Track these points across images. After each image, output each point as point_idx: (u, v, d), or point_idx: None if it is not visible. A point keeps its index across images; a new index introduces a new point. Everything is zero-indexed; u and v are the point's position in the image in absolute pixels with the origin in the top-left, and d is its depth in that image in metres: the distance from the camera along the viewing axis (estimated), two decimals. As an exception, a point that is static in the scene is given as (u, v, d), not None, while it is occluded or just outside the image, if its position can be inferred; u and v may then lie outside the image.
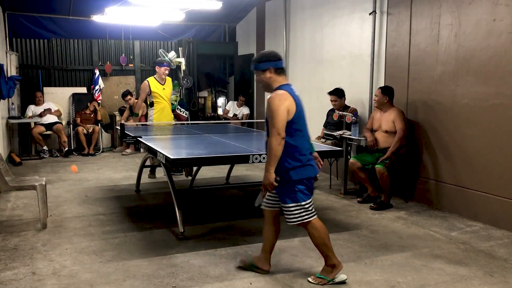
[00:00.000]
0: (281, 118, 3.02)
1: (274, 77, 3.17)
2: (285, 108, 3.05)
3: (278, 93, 3.09)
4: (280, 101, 3.05)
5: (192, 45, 9.76)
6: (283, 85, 3.17)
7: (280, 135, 3.02)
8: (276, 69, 3.17)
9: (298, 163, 3.15)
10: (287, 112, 3.06)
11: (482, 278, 3.37)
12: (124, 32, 9.86)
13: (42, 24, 9.30)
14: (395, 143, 5.19)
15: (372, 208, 5.14)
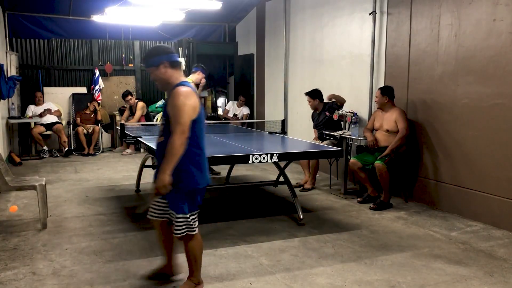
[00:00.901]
0: (188, 115, 2.75)
1: (171, 72, 2.88)
2: (191, 106, 2.77)
3: (183, 89, 2.79)
4: (186, 97, 2.76)
5: (192, 45, 9.76)
6: (185, 81, 2.89)
7: (185, 133, 2.74)
8: (171, 63, 2.88)
9: (197, 169, 2.90)
10: (193, 110, 2.79)
11: (482, 278, 3.37)
12: (124, 32, 9.86)
13: (42, 24, 9.30)
14: (396, 141, 5.19)
15: (372, 208, 5.14)
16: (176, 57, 2.95)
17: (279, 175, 5.05)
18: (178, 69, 2.93)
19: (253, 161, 3.98)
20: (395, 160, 5.25)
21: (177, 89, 2.80)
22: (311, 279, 3.33)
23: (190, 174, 2.88)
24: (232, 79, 10.62)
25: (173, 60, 2.90)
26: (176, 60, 2.92)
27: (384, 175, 5.14)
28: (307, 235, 4.27)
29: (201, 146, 2.96)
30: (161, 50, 2.92)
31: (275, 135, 5.85)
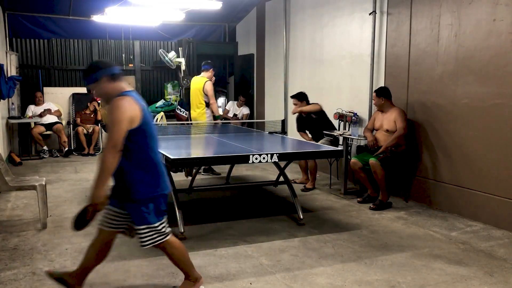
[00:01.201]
0: (121, 128, 2.66)
1: (112, 85, 2.82)
2: (127, 117, 2.68)
3: (120, 100, 2.72)
4: (121, 109, 2.67)
5: (192, 45, 9.76)
6: (126, 91, 2.82)
7: (116, 147, 2.66)
8: (112, 76, 2.83)
9: (151, 177, 2.83)
10: (129, 122, 2.69)
11: (482, 278, 3.37)
12: (124, 32, 9.86)
13: (42, 24, 9.30)
14: (392, 139, 5.19)
15: (372, 208, 5.14)
16: (117, 69, 2.90)
17: (279, 175, 5.05)
18: (119, 80, 2.87)
19: (253, 161, 3.98)
20: (394, 160, 5.25)
21: (114, 102, 2.73)
22: (311, 279, 3.33)
23: (144, 183, 2.81)
24: (232, 79, 10.62)
25: (113, 73, 2.85)
26: (116, 73, 2.86)
27: (378, 172, 5.14)
28: (307, 235, 4.27)
29: (151, 154, 2.86)
30: (101, 64, 2.93)
31: (275, 135, 5.85)
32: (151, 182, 2.84)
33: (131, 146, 2.76)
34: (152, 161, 2.87)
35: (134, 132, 2.74)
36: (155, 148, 2.91)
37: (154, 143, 2.91)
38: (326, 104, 7.08)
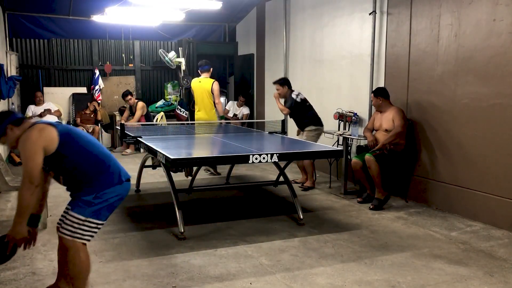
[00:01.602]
0: (35, 162, 2.58)
1: (17, 130, 2.73)
2: (39, 148, 2.60)
3: (27, 133, 2.65)
4: (30, 141, 2.61)
5: (192, 45, 9.76)
6: (30, 126, 2.72)
7: (33, 183, 2.56)
8: (15, 122, 2.74)
9: (98, 181, 2.78)
10: (43, 151, 2.61)
11: (482, 278, 3.37)
12: (124, 32, 9.86)
13: (42, 24, 9.30)
14: (390, 136, 5.20)
15: (371, 208, 5.14)
16: (17, 115, 2.84)
17: (279, 175, 5.05)
18: (23, 122, 2.78)
19: (253, 161, 3.98)
20: (393, 159, 5.25)
21: (20, 139, 2.67)
22: (311, 279, 3.33)
23: (89, 185, 2.78)
24: (232, 79, 10.62)
25: (15, 119, 2.77)
26: (18, 118, 2.79)
27: (373, 168, 5.14)
28: (307, 235, 4.27)
29: (92, 161, 2.79)
30: (1, 116, 2.79)
31: (275, 135, 5.85)
32: (93, 185, 2.78)
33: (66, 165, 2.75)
34: (95, 166, 2.81)
35: (66, 149, 2.70)
36: (93, 155, 2.82)
37: (91, 150, 2.83)
38: (326, 104, 7.09)
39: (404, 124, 5.22)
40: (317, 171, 6.89)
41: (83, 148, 2.81)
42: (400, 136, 5.22)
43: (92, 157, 2.82)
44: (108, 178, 2.83)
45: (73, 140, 2.78)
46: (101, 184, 2.80)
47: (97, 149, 2.87)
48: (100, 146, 2.94)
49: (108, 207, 2.81)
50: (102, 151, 2.90)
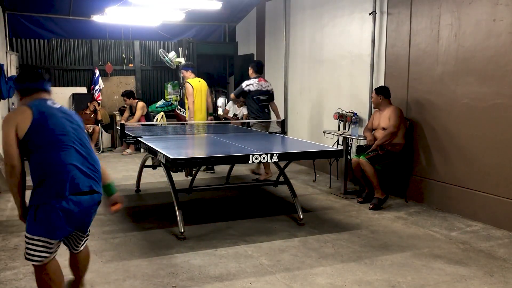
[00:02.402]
0: (8, 142, 2.51)
1: (21, 100, 2.75)
2: (11, 129, 2.52)
3: (8, 113, 2.69)
4: (6, 122, 2.56)
5: (192, 45, 9.76)
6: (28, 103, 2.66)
7: (8, 164, 2.52)
8: (24, 90, 2.74)
9: (43, 187, 2.53)
10: (14, 132, 2.52)
11: (482, 278, 3.37)
12: (124, 32, 9.86)
13: (42, 24, 9.30)
14: (383, 137, 5.21)
15: (371, 208, 5.15)
16: (40, 84, 2.75)
17: (279, 175, 5.05)
18: (30, 95, 2.71)
19: (253, 161, 3.98)
20: (390, 159, 5.26)
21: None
22: (311, 279, 3.33)
23: (35, 191, 2.57)
24: (232, 79, 10.61)
25: (27, 88, 2.72)
26: (33, 88, 2.71)
27: (368, 170, 5.17)
28: (307, 235, 4.28)
29: (51, 162, 2.56)
30: (27, 76, 2.76)
31: (275, 135, 5.85)
32: (39, 192, 2.56)
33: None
34: (46, 169, 2.57)
35: (29, 141, 2.56)
36: (60, 154, 2.59)
37: (57, 148, 2.59)
38: (326, 104, 7.10)
39: (400, 123, 5.21)
40: (317, 171, 6.89)
41: (48, 142, 2.58)
42: (394, 136, 5.21)
43: (51, 156, 2.56)
44: (51, 187, 2.53)
45: (44, 130, 2.58)
46: (41, 193, 2.53)
47: (59, 150, 2.58)
48: (69, 146, 2.62)
49: (45, 223, 2.51)
50: (64, 152, 2.59)
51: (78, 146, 2.68)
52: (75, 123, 2.76)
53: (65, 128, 2.66)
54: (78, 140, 2.70)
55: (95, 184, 2.68)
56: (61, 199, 2.52)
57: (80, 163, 2.63)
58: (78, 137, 2.71)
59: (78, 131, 2.74)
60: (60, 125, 2.65)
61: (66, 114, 2.74)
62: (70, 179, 2.56)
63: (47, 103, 2.71)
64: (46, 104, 2.69)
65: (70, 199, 2.55)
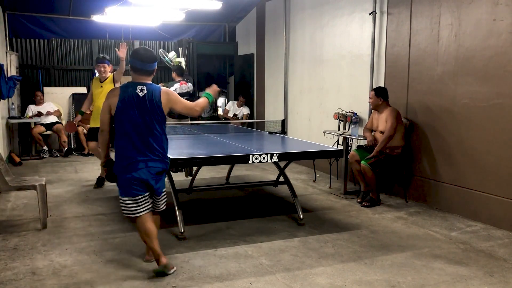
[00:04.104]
0: (102, 113, 3.37)
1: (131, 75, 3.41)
2: (106, 104, 3.33)
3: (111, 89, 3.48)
4: (106, 97, 3.38)
5: (192, 45, 9.76)
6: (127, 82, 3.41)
7: (100, 127, 3.41)
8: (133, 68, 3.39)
9: (118, 159, 3.34)
10: (108, 108, 3.32)
11: (482, 278, 3.37)
12: (124, 32, 9.85)
13: (42, 24, 9.30)
14: (380, 143, 5.22)
15: (364, 205, 5.23)
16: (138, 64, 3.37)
17: (279, 175, 5.05)
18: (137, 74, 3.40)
19: (253, 161, 3.98)
20: (389, 163, 5.27)
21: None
22: (311, 279, 3.33)
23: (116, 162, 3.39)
24: (232, 79, 10.62)
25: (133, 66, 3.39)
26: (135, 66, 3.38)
27: (369, 175, 5.23)
28: (307, 235, 4.27)
29: (121, 140, 3.32)
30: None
31: (275, 135, 5.85)
32: (119, 165, 3.34)
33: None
34: (123, 147, 3.32)
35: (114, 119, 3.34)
36: (124, 135, 3.30)
37: (125, 130, 3.30)
38: (326, 104, 7.10)
39: (397, 125, 5.20)
40: (317, 171, 6.89)
41: (118, 128, 3.45)
42: (392, 139, 5.21)
43: (117, 141, 3.46)
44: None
45: (117, 120, 3.39)
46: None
47: (122, 136, 3.40)
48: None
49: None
50: (125, 141, 3.39)
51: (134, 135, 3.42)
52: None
53: (132, 117, 3.43)
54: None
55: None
56: (126, 175, 3.37)
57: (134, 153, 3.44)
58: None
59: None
60: (129, 114, 3.39)
61: (132, 98, 3.39)
62: (132, 160, 3.43)
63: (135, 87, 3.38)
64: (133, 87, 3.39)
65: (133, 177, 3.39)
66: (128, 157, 3.28)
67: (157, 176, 3.36)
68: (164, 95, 3.38)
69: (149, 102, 3.30)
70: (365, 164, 5.23)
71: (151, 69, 3.38)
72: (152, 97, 3.31)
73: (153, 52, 3.49)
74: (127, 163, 3.27)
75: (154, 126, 3.33)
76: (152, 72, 3.41)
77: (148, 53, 3.39)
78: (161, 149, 3.38)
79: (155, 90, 3.36)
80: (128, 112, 3.26)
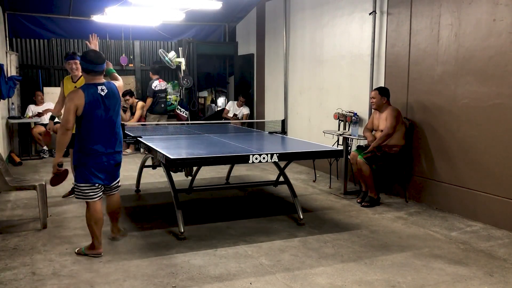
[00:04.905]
0: (67, 112, 3.54)
1: (86, 77, 3.69)
2: (73, 106, 3.53)
3: (72, 91, 3.65)
4: (70, 98, 3.56)
5: (192, 45, 9.76)
6: (85, 84, 3.69)
7: (63, 127, 3.53)
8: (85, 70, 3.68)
9: (83, 153, 3.64)
10: (75, 109, 3.53)
11: (482, 278, 3.37)
12: (124, 32, 9.86)
13: (42, 24, 9.30)
14: (379, 139, 5.23)
15: (364, 206, 5.23)
16: (94, 67, 3.68)
17: (279, 175, 5.05)
18: (92, 75, 3.68)
19: (253, 161, 3.98)
20: (387, 161, 5.27)
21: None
22: (311, 279, 3.33)
23: (76, 153, 3.72)
24: (232, 79, 10.62)
25: (85, 69, 3.70)
26: (90, 70, 3.67)
27: (364, 170, 5.23)
28: (307, 235, 4.27)
29: (87, 135, 3.63)
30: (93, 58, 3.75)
31: (275, 135, 5.85)
32: (82, 155, 3.66)
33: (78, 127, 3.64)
34: (89, 140, 3.63)
35: (79, 118, 3.58)
36: (93, 133, 3.63)
37: (97, 126, 3.63)
38: (326, 104, 7.10)
39: (396, 124, 5.20)
40: (317, 171, 6.89)
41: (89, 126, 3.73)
42: (390, 137, 5.21)
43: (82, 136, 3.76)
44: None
45: (85, 118, 3.66)
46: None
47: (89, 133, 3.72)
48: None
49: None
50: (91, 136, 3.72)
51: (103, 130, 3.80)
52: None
53: (101, 115, 3.75)
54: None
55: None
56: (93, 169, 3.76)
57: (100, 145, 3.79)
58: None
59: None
60: (98, 112, 3.70)
61: (100, 99, 3.71)
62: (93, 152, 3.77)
63: (98, 89, 3.68)
64: (97, 90, 3.67)
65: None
66: (93, 150, 3.63)
67: (116, 168, 3.82)
68: (119, 89, 3.86)
69: (111, 99, 3.70)
70: (361, 158, 5.24)
71: (102, 69, 3.71)
72: (113, 94, 3.72)
73: (102, 54, 3.81)
74: (92, 156, 3.63)
75: (117, 121, 3.77)
76: (103, 71, 3.74)
77: (98, 55, 3.72)
78: (121, 142, 3.85)
79: (112, 87, 3.77)
80: (95, 111, 3.59)
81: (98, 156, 3.64)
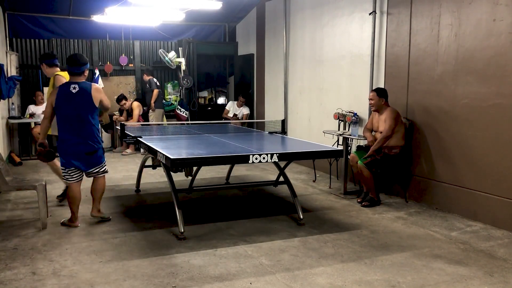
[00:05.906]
0: (47, 107, 4.38)
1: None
2: (50, 100, 4.32)
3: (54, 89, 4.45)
4: (50, 94, 4.44)
5: (192, 45, 9.76)
6: (65, 82, 4.44)
7: (44, 115, 4.44)
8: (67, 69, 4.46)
9: (60, 141, 4.39)
10: (51, 103, 4.31)
11: (482, 278, 3.37)
12: (124, 32, 9.86)
13: (42, 24, 9.30)
14: (377, 143, 5.22)
15: (364, 205, 5.23)
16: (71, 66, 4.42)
17: (279, 175, 5.04)
18: (71, 74, 4.46)
19: (253, 161, 3.98)
20: (387, 163, 5.27)
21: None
22: (311, 279, 3.33)
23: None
24: (232, 79, 10.62)
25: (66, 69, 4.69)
26: (69, 70, 4.50)
27: (365, 174, 5.24)
28: (307, 235, 4.28)
29: (61, 126, 4.35)
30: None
31: (275, 135, 5.85)
32: (60, 144, 4.42)
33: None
34: (59, 130, 4.38)
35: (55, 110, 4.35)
36: (61, 122, 4.34)
37: (67, 119, 4.31)
38: (326, 104, 7.10)
39: (395, 125, 5.19)
40: (317, 171, 6.89)
41: (60, 117, 4.47)
42: (389, 139, 5.21)
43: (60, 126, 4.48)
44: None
45: (57, 111, 4.47)
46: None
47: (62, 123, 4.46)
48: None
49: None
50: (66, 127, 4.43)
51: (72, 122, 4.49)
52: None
53: (68, 109, 4.48)
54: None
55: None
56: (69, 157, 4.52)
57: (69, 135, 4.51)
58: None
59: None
60: (66, 106, 4.42)
61: (70, 96, 4.36)
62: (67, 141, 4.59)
63: (71, 87, 4.36)
64: (69, 88, 4.37)
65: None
66: (66, 139, 4.32)
67: (87, 156, 4.39)
68: (94, 91, 4.34)
69: (81, 97, 4.27)
70: (361, 164, 5.25)
71: (79, 71, 4.31)
72: (84, 93, 4.28)
73: (83, 57, 4.43)
74: (66, 144, 4.33)
75: (86, 116, 4.31)
76: (82, 73, 4.35)
77: (77, 58, 4.34)
78: (91, 134, 4.36)
79: (87, 87, 4.33)
80: (64, 106, 4.26)
81: (69, 145, 4.31)
